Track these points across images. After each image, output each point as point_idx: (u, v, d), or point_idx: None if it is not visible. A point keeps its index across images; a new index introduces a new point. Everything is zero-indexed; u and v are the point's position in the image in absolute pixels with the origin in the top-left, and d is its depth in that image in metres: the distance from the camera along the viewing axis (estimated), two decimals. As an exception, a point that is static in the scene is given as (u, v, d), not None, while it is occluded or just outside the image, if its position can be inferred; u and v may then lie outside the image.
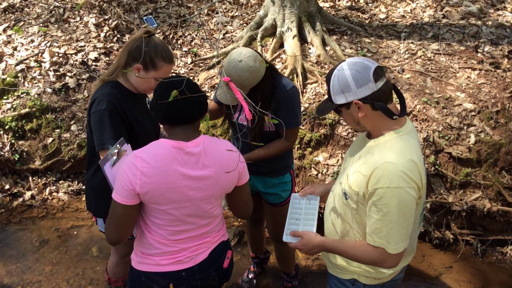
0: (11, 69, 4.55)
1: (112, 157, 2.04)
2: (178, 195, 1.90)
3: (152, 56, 2.25)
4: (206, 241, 2.08)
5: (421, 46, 4.64)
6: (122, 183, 1.84)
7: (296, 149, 4.05)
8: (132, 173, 1.83)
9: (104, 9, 5.24)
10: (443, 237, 3.82)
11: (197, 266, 2.05)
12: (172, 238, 1.98)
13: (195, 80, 4.57)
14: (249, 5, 5.59)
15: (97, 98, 2.31)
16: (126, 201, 1.86)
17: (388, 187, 1.70)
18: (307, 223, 2.15)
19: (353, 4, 5.51)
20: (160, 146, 1.88)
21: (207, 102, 1.97)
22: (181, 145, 1.88)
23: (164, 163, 1.85)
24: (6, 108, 4.38)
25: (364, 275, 1.98)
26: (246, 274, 3.46)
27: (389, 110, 1.76)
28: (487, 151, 3.79)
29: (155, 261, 2.00)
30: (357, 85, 1.75)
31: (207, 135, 1.99)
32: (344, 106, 1.83)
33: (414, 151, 1.77)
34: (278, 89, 2.49)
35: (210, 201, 2.00)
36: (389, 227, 1.74)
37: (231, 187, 2.06)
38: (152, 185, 1.84)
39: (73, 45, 4.81)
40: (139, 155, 1.85)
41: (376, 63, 1.79)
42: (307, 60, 4.56)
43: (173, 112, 1.87)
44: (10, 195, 4.30)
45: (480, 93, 4.06)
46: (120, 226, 1.92)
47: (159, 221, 1.95)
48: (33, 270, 3.57)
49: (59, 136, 4.38)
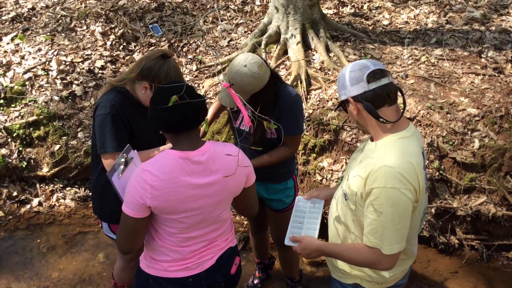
0: (19, 78, 4.61)
1: (119, 167, 2.03)
2: (189, 205, 1.91)
3: (161, 81, 2.26)
4: (215, 245, 2.09)
5: (425, 52, 4.66)
6: (132, 197, 1.85)
7: (300, 154, 4.07)
8: (142, 187, 1.83)
9: (110, 17, 5.31)
10: (448, 242, 3.81)
11: (204, 272, 2.06)
12: (182, 244, 2.00)
13: (200, 87, 4.61)
14: (253, 13, 5.64)
15: (101, 103, 2.36)
16: (136, 214, 1.87)
17: (384, 187, 1.72)
18: (309, 226, 2.16)
19: (356, 10, 5.54)
20: (167, 158, 1.88)
21: (206, 105, 1.98)
22: (188, 155, 1.88)
23: (172, 175, 1.85)
24: (14, 116, 4.44)
25: (367, 279, 1.99)
26: (251, 280, 3.47)
27: (373, 111, 1.80)
28: (492, 156, 3.79)
29: (163, 267, 2.02)
30: (351, 83, 1.81)
31: (212, 141, 2.00)
32: (346, 103, 1.90)
33: (413, 154, 1.79)
34: (281, 97, 2.51)
35: (220, 206, 2.02)
36: (384, 227, 1.75)
37: (240, 190, 2.07)
38: (163, 197, 1.85)
39: (79, 53, 4.87)
40: (147, 169, 1.85)
41: (380, 65, 1.82)
42: (311, 66, 4.59)
43: (176, 118, 1.86)
44: (17, 202, 4.35)
45: (484, 98, 4.07)
46: (131, 237, 1.94)
47: (171, 229, 1.97)
48: (40, 276, 3.61)
49: (66, 143, 4.43)
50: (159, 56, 2.32)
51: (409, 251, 1.97)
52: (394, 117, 1.83)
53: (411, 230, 1.87)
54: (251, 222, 3.22)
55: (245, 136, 2.62)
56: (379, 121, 1.81)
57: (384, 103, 1.81)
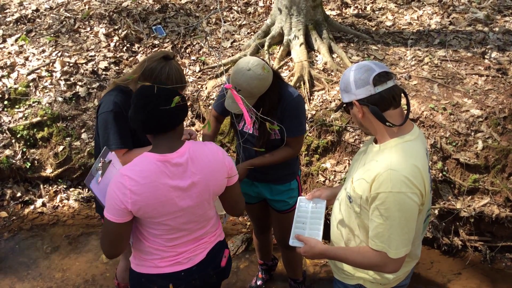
0: (23, 79, 4.63)
1: (97, 172, 2.01)
2: (171, 207, 1.92)
3: (162, 82, 2.26)
4: (203, 242, 2.11)
5: (428, 53, 4.65)
6: (113, 203, 1.85)
7: (303, 155, 4.07)
8: (122, 193, 1.83)
9: (114, 19, 5.33)
10: (452, 244, 3.81)
11: (195, 266, 2.08)
12: (169, 245, 2.01)
13: (203, 88, 4.62)
14: (256, 14, 5.64)
15: (104, 101, 2.39)
16: (118, 219, 1.87)
17: (391, 192, 1.71)
18: (313, 227, 2.16)
19: (359, 12, 5.54)
20: (146, 161, 1.88)
21: (187, 107, 1.97)
22: (167, 158, 1.88)
23: (152, 178, 1.85)
24: (18, 117, 4.46)
25: (370, 280, 1.99)
26: (254, 281, 3.47)
27: (380, 115, 1.79)
28: (495, 157, 3.78)
29: (154, 263, 2.03)
30: (356, 86, 1.79)
31: (191, 141, 2.00)
32: (350, 105, 1.88)
33: (418, 157, 1.79)
34: (284, 97, 2.51)
35: (203, 206, 2.02)
36: (391, 232, 1.75)
37: (222, 189, 2.07)
38: (143, 201, 1.85)
39: (83, 54, 4.89)
40: (126, 174, 1.85)
41: (384, 67, 1.81)
42: (314, 67, 4.59)
43: (150, 121, 1.87)
44: (21, 203, 4.37)
45: (487, 99, 4.06)
46: (115, 242, 1.94)
47: (156, 231, 1.97)
48: (44, 276, 3.62)
49: (69, 144, 4.44)
50: (161, 57, 2.33)
51: (413, 253, 1.96)
52: (399, 120, 1.83)
53: (415, 233, 1.87)
54: (254, 223, 3.22)
55: (247, 138, 2.63)
56: (386, 125, 1.81)
57: (389, 106, 1.81)
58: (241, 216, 4.13)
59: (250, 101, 2.38)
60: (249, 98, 2.37)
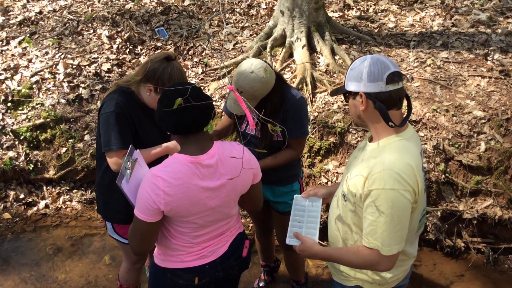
0: (26, 81, 4.65)
1: (126, 172, 2.02)
2: (201, 207, 1.96)
3: (165, 83, 2.29)
4: (226, 235, 2.16)
5: (431, 55, 4.65)
6: (145, 203, 1.88)
7: (305, 157, 4.07)
8: (155, 193, 1.86)
9: (116, 21, 5.35)
10: (454, 246, 3.80)
11: (219, 259, 2.13)
12: (195, 241, 2.06)
13: (205, 90, 4.63)
14: (258, 16, 5.65)
15: (106, 102, 2.39)
16: (150, 218, 1.90)
17: (383, 189, 1.72)
18: (309, 226, 2.16)
19: (362, 13, 5.54)
20: (178, 163, 1.90)
21: (214, 106, 1.99)
22: (198, 160, 1.91)
23: (185, 180, 1.89)
24: (21, 118, 4.47)
25: (368, 281, 2.00)
26: (257, 283, 3.48)
27: (386, 113, 1.79)
28: (498, 159, 3.78)
29: (180, 258, 2.08)
30: (368, 79, 1.77)
31: (219, 141, 2.03)
32: (352, 94, 1.86)
33: (412, 156, 1.80)
34: (286, 99, 2.52)
35: (230, 205, 2.08)
36: (383, 228, 1.76)
37: (247, 188, 2.12)
38: (176, 202, 1.89)
39: (86, 56, 4.90)
40: (159, 175, 1.87)
41: (398, 68, 1.81)
42: (316, 69, 4.60)
43: (184, 121, 1.87)
44: (24, 204, 4.38)
45: (490, 101, 4.06)
46: (145, 240, 1.99)
47: (183, 229, 2.02)
48: (47, 278, 3.63)
49: (72, 146, 4.46)
50: (163, 58, 2.34)
51: (408, 251, 1.97)
52: (399, 120, 1.84)
53: (410, 231, 1.88)
54: (256, 225, 3.23)
55: (250, 140, 2.64)
56: (388, 124, 1.81)
57: (394, 106, 1.81)
58: (243, 218, 4.13)
59: (252, 103, 2.39)
60: (251, 100, 2.38)
